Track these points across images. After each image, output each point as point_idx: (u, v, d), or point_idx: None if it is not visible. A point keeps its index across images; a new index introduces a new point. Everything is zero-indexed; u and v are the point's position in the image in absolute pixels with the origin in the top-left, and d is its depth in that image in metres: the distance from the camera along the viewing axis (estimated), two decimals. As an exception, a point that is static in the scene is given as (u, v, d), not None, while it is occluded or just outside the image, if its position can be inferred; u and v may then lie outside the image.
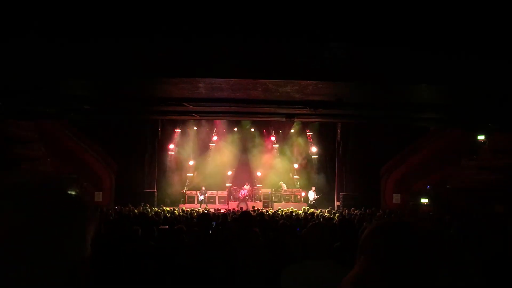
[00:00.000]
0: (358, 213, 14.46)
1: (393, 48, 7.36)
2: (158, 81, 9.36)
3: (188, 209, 16.37)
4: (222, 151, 23.88)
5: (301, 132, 23.87)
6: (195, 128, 23.81)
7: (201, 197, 21.45)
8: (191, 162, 23.74)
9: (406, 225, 0.97)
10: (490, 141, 17.30)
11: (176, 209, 16.49)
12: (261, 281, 4.57)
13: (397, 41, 7.26)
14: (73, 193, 0.94)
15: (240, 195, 22.07)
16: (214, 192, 22.46)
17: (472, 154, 18.35)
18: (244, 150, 24.03)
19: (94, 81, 9.41)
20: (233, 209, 17.16)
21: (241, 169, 23.84)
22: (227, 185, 23.32)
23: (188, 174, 23.56)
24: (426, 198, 19.29)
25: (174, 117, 18.61)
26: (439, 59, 7.44)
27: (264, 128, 24.20)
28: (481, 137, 17.74)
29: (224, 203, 22.02)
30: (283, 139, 24.28)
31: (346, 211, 16.59)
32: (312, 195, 21.31)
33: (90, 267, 0.94)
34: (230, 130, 24.05)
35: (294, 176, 23.85)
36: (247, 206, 19.90)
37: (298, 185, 23.49)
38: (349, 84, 8.89)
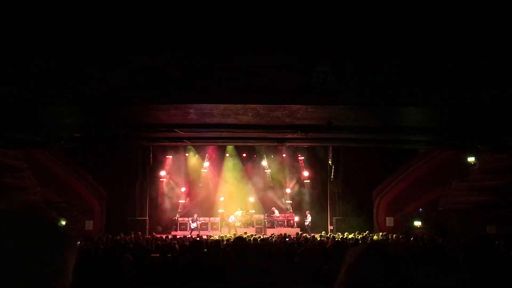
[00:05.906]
0: (352, 237, 14.36)
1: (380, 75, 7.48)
2: (148, 108, 9.36)
3: (181, 236, 16.15)
4: (214, 177, 23.79)
5: (293, 156, 23.90)
6: (187, 154, 23.77)
7: (193, 225, 21.18)
8: (183, 189, 23.60)
9: (381, 248, 1.01)
10: (480, 162, 17.41)
11: (169, 237, 16.27)
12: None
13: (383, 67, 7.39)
14: (56, 222, 0.92)
15: (230, 221, 21.82)
16: (207, 219, 22.30)
17: (463, 176, 18.44)
18: (236, 175, 23.94)
19: (84, 108, 9.38)
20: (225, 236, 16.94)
21: (234, 195, 23.72)
22: (219, 211, 23.14)
23: (180, 201, 23.39)
24: (419, 220, 19.24)
25: (165, 143, 18.56)
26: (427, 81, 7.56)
27: (255, 153, 24.20)
28: (471, 159, 17.87)
29: (216, 229, 21.80)
30: (275, 164, 24.26)
31: (340, 235, 16.48)
32: (308, 219, 21.21)
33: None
34: (222, 155, 24.03)
35: (287, 201, 23.76)
36: (236, 231, 19.61)
37: (291, 210, 23.37)
38: (339, 108, 8.97)
